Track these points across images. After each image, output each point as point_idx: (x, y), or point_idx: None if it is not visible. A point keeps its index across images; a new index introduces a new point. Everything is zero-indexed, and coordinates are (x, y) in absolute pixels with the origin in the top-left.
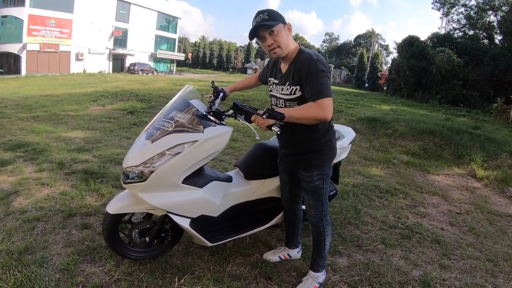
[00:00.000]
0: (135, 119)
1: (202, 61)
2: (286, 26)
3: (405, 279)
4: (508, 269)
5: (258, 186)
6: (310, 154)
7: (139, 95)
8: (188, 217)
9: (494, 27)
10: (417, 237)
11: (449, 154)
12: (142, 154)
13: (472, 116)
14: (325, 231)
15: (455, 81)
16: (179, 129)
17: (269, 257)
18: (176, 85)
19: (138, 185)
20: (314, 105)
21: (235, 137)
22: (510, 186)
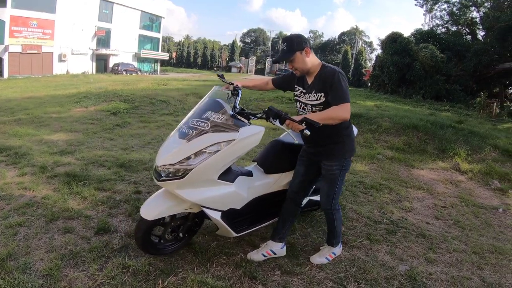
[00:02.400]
0: (118, 120)
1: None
2: (304, 51)
3: (391, 274)
4: (494, 261)
5: (277, 179)
6: (333, 146)
7: (122, 95)
8: (220, 210)
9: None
10: (403, 231)
11: (433, 149)
12: (179, 153)
13: (456, 111)
14: (334, 217)
15: (438, 76)
16: (216, 129)
17: (253, 256)
18: (160, 85)
19: (175, 182)
20: (338, 108)
21: None
22: (494, 178)
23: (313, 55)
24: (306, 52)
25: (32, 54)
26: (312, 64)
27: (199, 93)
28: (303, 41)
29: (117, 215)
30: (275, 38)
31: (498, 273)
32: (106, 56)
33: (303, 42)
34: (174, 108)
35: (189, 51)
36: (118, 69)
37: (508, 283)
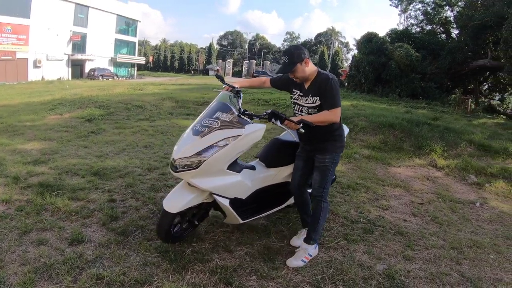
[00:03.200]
0: (93, 127)
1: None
2: (304, 62)
3: (369, 274)
4: (472, 255)
5: (277, 172)
6: (326, 143)
7: (97, 101)
8: (227, 198)
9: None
10: (380, 230)
11: (410, 146)
12: (193, 147)
13: (432, 108)
14: (322, 205)
15: (413, 75)
16: (225, 127)
17: (295, 242)
18: (136, 89)
19: (190, 172)
20: (329, 113)
21: None
22: (470, 173)
23: (311, 63)
24: (306, 63)
25: (7, 60)
26: (310, 72)
27: (175, 98)
28: (302, 52)
29: (91, 225)
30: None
31: (477, 267)
32: (82, 62)
33: (302, 53)
34: (149, 113)
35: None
36: (94, 75)
37: (488, 276)
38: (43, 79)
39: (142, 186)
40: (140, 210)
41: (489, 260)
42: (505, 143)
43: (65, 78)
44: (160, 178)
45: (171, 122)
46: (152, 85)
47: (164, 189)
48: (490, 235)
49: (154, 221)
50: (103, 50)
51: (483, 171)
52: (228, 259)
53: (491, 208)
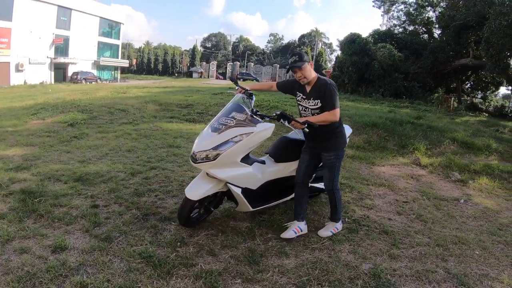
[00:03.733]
0: (75, 131)
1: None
2: (309, 64)
3: (354, 274)
4: (458, 251)
5: (284, 167)
6: (329, 141)
7: (80, 105)
8: (240, 187)
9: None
10: (365, 229)
11: (393, 145)
12: (212, 142)
13: (415, 107)
14: (335, 196)
15: (396, 74)
16: (239, 125)
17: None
18: (119, 93)
19: (209, 163)
20: (329, 113)
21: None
22: (454, 171)
23: (312, 69)
24: (311, 65)
25: None
26: (313, 76)
27: (158, 101)
28: (308, 56)
29: (74, 232)
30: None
31: (462, 263)
32: (64, 65)
33: (308, 57)
34: (133, 116)
35: (149, 57)
36: (77, 78)
37: (474, 272)
38: (25, 83)
39: (125, 191)
40: (123, 215)
41: (474, 256)
42: (488, 140)
43: (47, 82)
44: (144, 183)
45: (154, 126)
46: (136, 88)
47: (147, 193)
48: (475, 231)
49: (137, 226)
50: (86, 53)
51: (466, 168)
52: (212, 263)
53: (475, 205)
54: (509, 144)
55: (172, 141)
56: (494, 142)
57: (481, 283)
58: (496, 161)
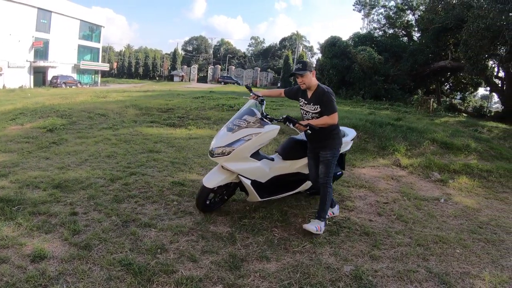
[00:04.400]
0: (55, 137)
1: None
2: (312, 73)
3: (336, 276)
4: (439, 251)
5: (290, 164)
6: (327, 141)
7: (59, 110)
8: (249, 179)
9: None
10: (346, 231)
11: (374, 147)
12: (227, 140)
13: (395, 109)
14: (327, 190)
15: (376, 77)
16: (250, 126)
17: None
18: (99, 97)
19: (224, 157)
20: (328, 117)
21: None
22: (434, 171)
23: (315, 77)
24: (313, 74)
25: None
26: (314, 83)
27: (139, 105)
28: (311, 65)
29: (53, 240)
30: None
31: (444, 262)
32: (44, 69)
33: (311, 66)
34: (113, 121)
35: (130, 61)
36: (57, 82)
37: (455, 271)
38: (4, 87)
39: (104, 198)
40: (103, 222)
41: (455, 254)
42: (467, 140)
43: (27, 86)
44: (123, 189)
45: (134, 130)
46: (116, 93)
47: (127, 199)
48: (456, 230)
49: (117, 233)
50: (66, 56)
51: (446, 168)
52: (193, 269)
53: (455, 204)
54: (487, 143)
55: (152, 146)
56: (473, 142)
57: (463, 281)
58: (475, 161)
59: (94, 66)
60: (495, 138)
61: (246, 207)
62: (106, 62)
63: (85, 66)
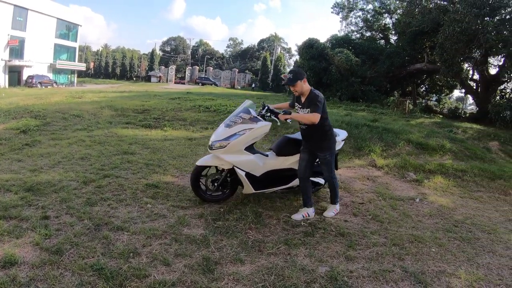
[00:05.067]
0: (28, 138)
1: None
2: (302, 81)
3: (311, 277)
4: (414, 250)
5: (283, 160)
6: (322, 143)
7: (34, 111)
8: (244, 171)
9: (390, 28)
10: (321, 232)
11: (349, 147)
12: (224, 134)
13: (371, 110)
14: (334, 183)
15: (353, 78)
16: (244, 122)
17: (295, 217)
18: (74, 98)
19: (220, 150)
20: (310, 115)
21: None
22: (409, 171)
23: (307, 83)
24: (304, 81)
25: None
26: (306, 89)
27: (114, 106)
28: (303, 74)
29: (24, 245)
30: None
31: (419, 261)
32: (19, 68)
33: (303, 74)
34: (87, 122)
35: (107, 61)
36: (32, 82)
37: (431, 269)
38: None
39: (77, 201)
40: (75, 226)
41: (431, 253)
42: (442, 141)
43: (1, 85)
44: (96, 191)
45: (109, 132)
46: (92, 93)
47: (100, 202)
48: (431, 229)
49: (89, 237)
50: (42, 55)
51: (421, 168)
52: (166, 273)
53: (430, 203)
54: (462, 144)
55: (127, 147)
56: (448, 142)
57: (439, 280)
58: (450, 161)
59: (71, 66)
60: (470, 139)
61: (220, 209)
62: (83, 61)
63: (61, 66)
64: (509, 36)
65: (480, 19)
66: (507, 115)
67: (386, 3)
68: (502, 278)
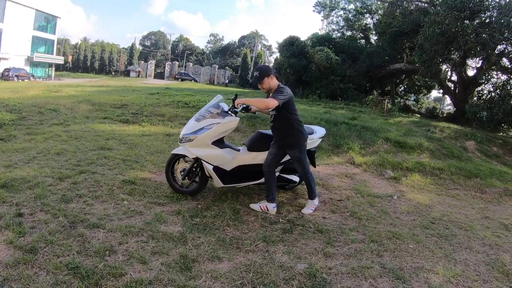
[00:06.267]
0: (2, 133)
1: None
2: (269, 77)
3: (289, 274)
4: (392, 246)
5: (255, 155)
6: (290, 140)
7: (9, 105)
8: (211, 164)
9: (370, 28)
10: (299, 229)
11: (328, 145)
12: (192, 128)
13: (350, 108)
14: (309, 179)
15: (333, 77)
16: (212, 116)
17: (253, 206)
18: (51, 92)
19: (188, 143)
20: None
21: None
22: (387, 168)
23: (274, 79)
24: (271, 78)
25: None
26: (273, 85)
27: (92, 100)
28: (270, 70)
29: None
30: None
31: (397, 258)
32: None
33: (269, 71)
34: (64, 117)
35: (86, 54)
36: (9, 75)
37: (409, 266)
38: None
39: (52, 198)
40: (50, 224)
41: (409, 250)
42: (420, 139)
43: None
44: (72, 188)
45: (86, 127)
46: (69, 87)
47: (75, 199)
48: (409, 226)
49: (64, 235)
50: (19, 48)
51: (399, 166)
52: (143, 271)
53: (408, 200)
54: (439, 143)
55: (103, 143)
56: (426, 141)
57: (417, 276)
58: (428, 159)
59: (49, 59)
60: (447, 138)
61: (198, 206)
62: (61, 55)
63: (38, 59)
64: (488, 39)
65: (460, 22)
66: (483, 116)
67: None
68: (479, 274)
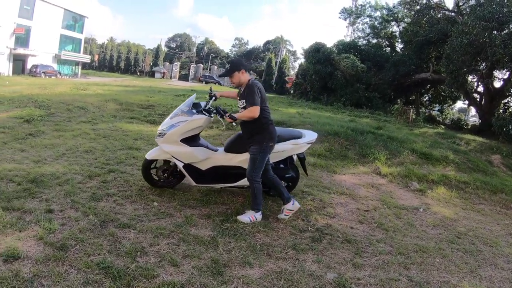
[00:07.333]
0: (31, 128)
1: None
2: (240, 72)
3: (319, 283)
4: (419, 260)
5: (232, 157)
6: (255, 136)
7: (38, 101)
8: (182, 162)
9: (396, 36)
10: (328, 238)
11: (354, 154)
12: (165, 125)
13: (375, 117)
14: (254, 186)
15: (358, 85)
16: (182, 114)
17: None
18: (79, 89)
19: (160, 139)
20: (248, 110)
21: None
22: (413, 180)
23: (246, 74)
24: (242, 73)
25: None
26: (244, 80)
27: (119, 100)
28: (241, 64)
29: (27, 239)
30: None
31: (424, 271)
32: (24, 57)
33: (241, 65)
34: (92, 115)
35: (112, 54)
36: (36, 71)
37: (435, 280)
38: None
39: (82, 195)
40: (80, 221)
41: (435, 263)
42: (445, 152)
43: (5, 73)
44: (102, 186)
45: (114, 126)
46: (96, 86)
47: (105, 198)
48: (435, 240)
49: (94, 234)
50: (47, 45)
51: (424, 178)
52: (175, 274)
53: (433, 213)
54: (465, 155)
55: (132, 142)
56: (451, 153)
57: None
58: (453, 172)
59: (75, 57)
60: (473, 151)
61: (228, 211)
62: (88, 54)
63: (66, 57)
64: None
65: (488, 32)
66: (510, 129)
67: (394, 11)
68: None
